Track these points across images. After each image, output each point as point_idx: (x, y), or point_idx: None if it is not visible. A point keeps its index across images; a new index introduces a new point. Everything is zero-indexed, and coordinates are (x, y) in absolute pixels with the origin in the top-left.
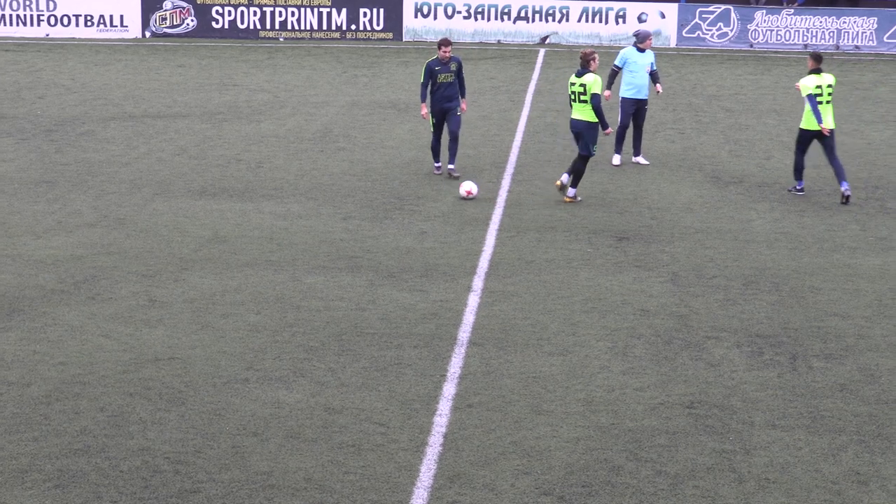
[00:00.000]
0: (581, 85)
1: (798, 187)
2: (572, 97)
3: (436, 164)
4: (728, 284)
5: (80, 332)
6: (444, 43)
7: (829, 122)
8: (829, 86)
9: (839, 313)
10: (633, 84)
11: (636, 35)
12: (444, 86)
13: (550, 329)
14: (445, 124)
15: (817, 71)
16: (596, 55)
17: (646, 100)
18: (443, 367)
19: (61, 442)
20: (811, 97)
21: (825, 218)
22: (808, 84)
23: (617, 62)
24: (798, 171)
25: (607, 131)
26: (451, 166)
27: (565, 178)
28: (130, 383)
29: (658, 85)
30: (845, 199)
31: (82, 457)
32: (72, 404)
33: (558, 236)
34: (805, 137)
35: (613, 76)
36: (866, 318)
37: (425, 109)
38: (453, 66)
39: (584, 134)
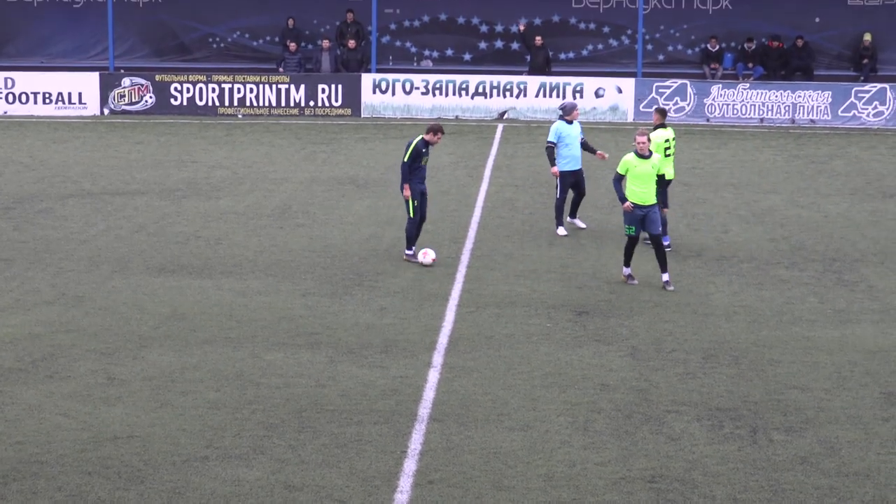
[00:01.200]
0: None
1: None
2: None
3: (408, 252)
4: (687, 358)
5: (37, 411)
6: (439, 130)
7: (670, 173)
8: (674, 139)
9: (799, 386)
10: (570, 156)
11: (562, 108)
12: (423, 168)
13: (511, 404)
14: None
15: (663, 125)
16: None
17: (582, 169)
18: (403, 443)
19: None
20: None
21: (784, 291)
22: (658, 138)
23: (551, 138)
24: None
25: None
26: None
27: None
28: (89, 462)
29: (599, 151)
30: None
31: None
32: (29, 484)
33: (518, 311)
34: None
35: (552, 152)
36: (826, 391)
37: (409, 191)
38: (430, 151)
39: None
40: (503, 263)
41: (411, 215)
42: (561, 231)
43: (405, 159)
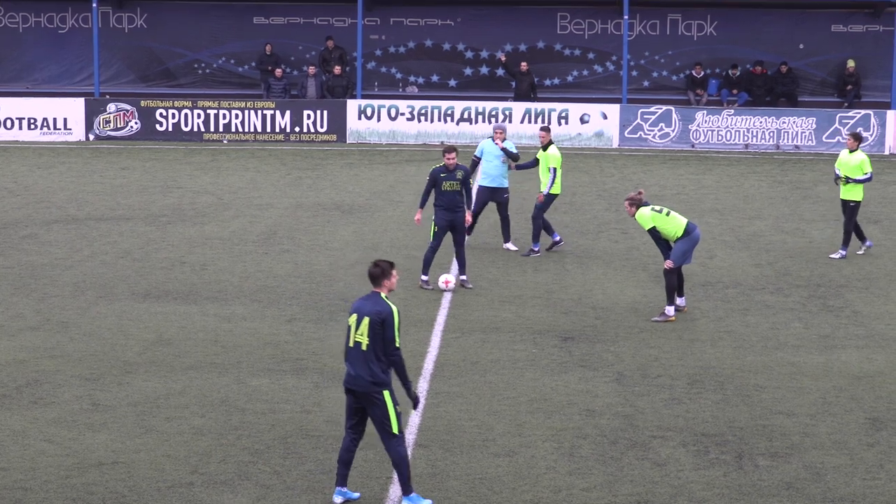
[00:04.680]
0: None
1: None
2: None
3: (423, 278)
4: (673, 384)
5: (22, 437)
6: (449, 150)
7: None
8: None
9: (784, 411)
10: (487, 173)
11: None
12: (449, 194)
13: (496, 430)
14: (451, 235)
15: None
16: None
17: (503, 189)
18: (389, 469)
19: None
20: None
21: (769, 316)
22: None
23: (476, 153)
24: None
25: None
26: (463, 277)
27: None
28: (73, 488)
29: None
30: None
31: None
32: None
33: (503, 337)
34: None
35: (474, 166)
36: (811, 416)
37: (419, 216)
38: (459, 175)
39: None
40: (488, 289)
41: (431, 240)
42: (510, 245)
43: (424, 186)
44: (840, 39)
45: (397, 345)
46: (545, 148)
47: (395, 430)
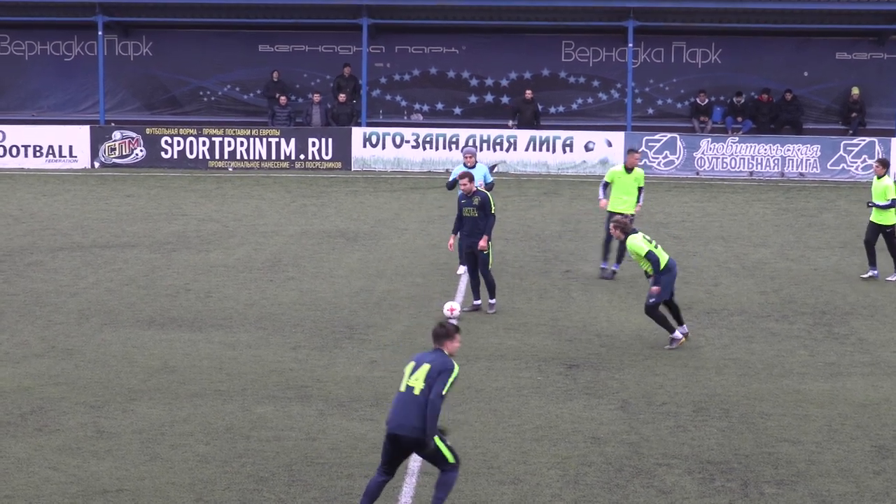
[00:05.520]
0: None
1: None
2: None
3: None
4: (678, 411)
5: (26, 465)
6: (462, 176)
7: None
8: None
9: (789, 439)
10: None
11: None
12: (467, 220)
13: (501, 457)
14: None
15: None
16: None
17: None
18: (394, 496)
19: None
20: None
21: (774, 344)
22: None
23: (450, 178)
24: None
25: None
26: (491, 301)
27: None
28: None
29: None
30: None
31: None
32: None
33: (508, 364)
34: None
35: (451, 188)
36: (817, 444)
37: (452, 240)
38: (476, 201)
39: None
40: (493, 316)
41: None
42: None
43: None
44: (844, 67)
45: (443, 393)
46: (629, 171)
47: (452, 461)
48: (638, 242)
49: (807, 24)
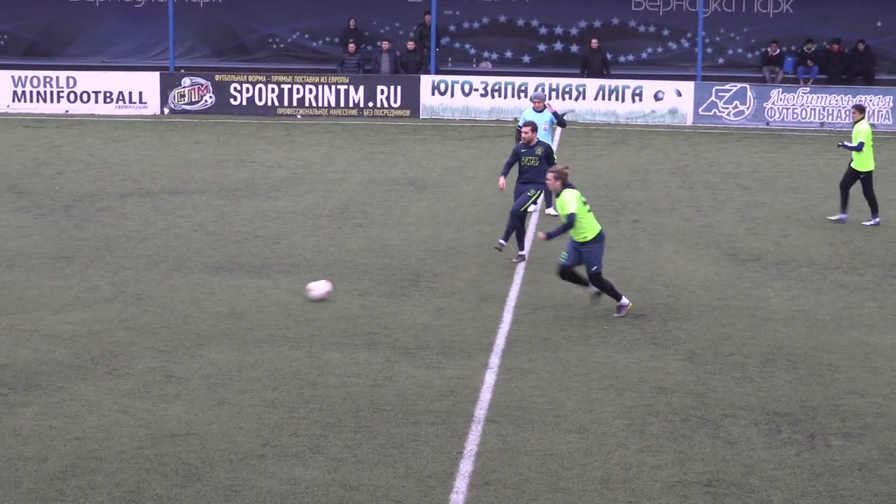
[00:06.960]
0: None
1: None
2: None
3: (519, 252)
4: (745, 362)
5: (96, 408)
6: (526, 125)
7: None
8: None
9: (857, 391)
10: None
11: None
12: (526, 169)
13: (567, 406)
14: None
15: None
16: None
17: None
18: (459, 444)
19: None
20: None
21: (843, 296)
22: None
23: (519, 124)
24: None
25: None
26: (501, 241)
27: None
28: (146, 459)
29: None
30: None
31: None
32: (88, 480)
33: (575, 313)
34: None
35: (519, 134)
36: (885, 397)
37: (502, 180)
38: (539, 151)
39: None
40: None
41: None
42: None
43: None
44: None
45: None
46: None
47: None
48: (569, 198)
49: None
